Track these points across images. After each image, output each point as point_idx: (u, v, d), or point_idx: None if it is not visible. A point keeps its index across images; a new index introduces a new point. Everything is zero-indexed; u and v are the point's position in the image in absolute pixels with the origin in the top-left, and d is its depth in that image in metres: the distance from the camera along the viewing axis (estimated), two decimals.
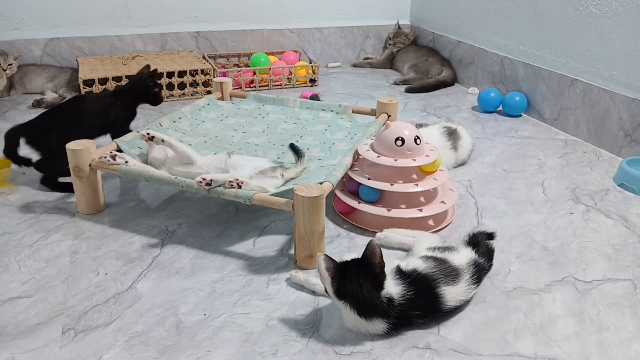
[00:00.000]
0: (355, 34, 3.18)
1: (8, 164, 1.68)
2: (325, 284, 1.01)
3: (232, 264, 1.25)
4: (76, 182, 1.42)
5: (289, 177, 1.38)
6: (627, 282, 1.21)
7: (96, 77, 2.30)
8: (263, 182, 1.30)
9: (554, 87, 2.18)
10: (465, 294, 1.08)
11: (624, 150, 1.88)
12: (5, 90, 2.46)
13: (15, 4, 2.53)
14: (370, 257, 1.00)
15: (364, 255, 1.01)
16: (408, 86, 2.72)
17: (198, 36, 2.83)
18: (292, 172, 1.40)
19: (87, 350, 0.99)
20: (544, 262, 1.28)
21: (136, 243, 1.33)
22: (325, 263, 0.99)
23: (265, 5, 2.94)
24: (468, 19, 2.73)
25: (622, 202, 1.59)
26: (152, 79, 1.70)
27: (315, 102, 1.89)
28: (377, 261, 0.99)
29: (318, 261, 0.99)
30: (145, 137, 1.39)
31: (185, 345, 1.00)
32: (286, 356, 0.98)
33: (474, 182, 1.71)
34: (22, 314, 1.08)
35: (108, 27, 2.70)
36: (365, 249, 1.00)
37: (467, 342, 1.02)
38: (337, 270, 1.00)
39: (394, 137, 1.37)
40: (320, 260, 0.99)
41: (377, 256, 0.99)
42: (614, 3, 1.87)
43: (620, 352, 1.01)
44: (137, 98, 1.70)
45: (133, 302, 1.12)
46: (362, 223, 1.42)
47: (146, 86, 1.69)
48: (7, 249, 1.30)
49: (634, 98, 1.82)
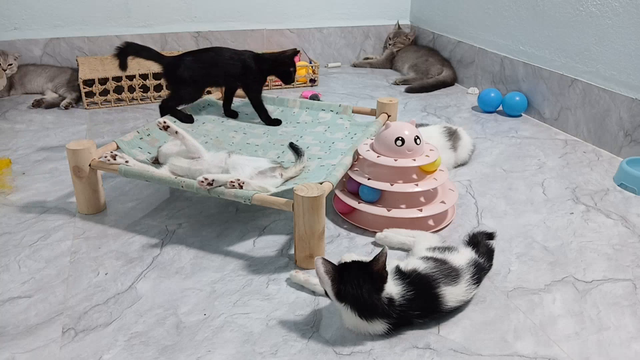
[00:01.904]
0: (355, 34, 3.18)
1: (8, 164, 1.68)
2: (325, 287, 1.01)
3: (232, 264, 1.25)
4: (76, 182, 1.42)
5: (288, 176, 1.39)
6: (627, 282, 1.21)
7: (96, 77, 2.30)
8: (263, 182, 1.30)
9: (554, 87, 2.18)
10: (465, 295, 1.08)
11: (624, 150, 1.88)
12: (5, 90, 2.46)
13: (15, 4, 2.53)
14: (373, 265, 1.00)
15: (369, 262, 1.01)
16: (408, 86, 2.72)
17: (198, 36, 2.83)
18: (291, 171, 1.40)
19: (87, 350, 0.99)
20: (544, 262, 1.28)
21: (136, 243, 1.33)
22: (324, 266, 0.99)
23: (265, 5, 2.94)
24: (468, 19, 2.73)
25: (622, 202, 1.59)
26: (292, 60, 1.80)
27: (315, 102, 1.89)
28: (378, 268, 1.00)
29: (316, 265, 0.99)
30: (160, 126, 1.41)
31: (185, 345, 1.00)
32: (286, 356, 0.98)
33: (474, 182, 1.71)
34: (22, 314, 1.08)
35: (108, 27, 2.70)
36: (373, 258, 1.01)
37: (467, 342, 1.02)
38: (336, 272, 1.00)
39: (394, 137, 1.37)
40: (318, 264, 0.99)
41: (378, 264, 0.99)
42: (614, 3, 1.87)
43: (620, 352, 1.01)
44: (272, 68, 1.80)
45: (133, 302, 1.12)
46: (362, 223, 1.42)
47: (285, 63, 1.79)
48: (7, 249, 1.30)
49: (634, 98, 1.82)
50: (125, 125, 2.15)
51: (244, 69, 1.75)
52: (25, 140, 1.98)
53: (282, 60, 1.78)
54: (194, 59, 1.72)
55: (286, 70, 1.78)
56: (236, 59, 1.75)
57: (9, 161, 1.70)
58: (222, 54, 1.75)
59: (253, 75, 1.77)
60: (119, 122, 2.18)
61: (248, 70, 1.75)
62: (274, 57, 1.80)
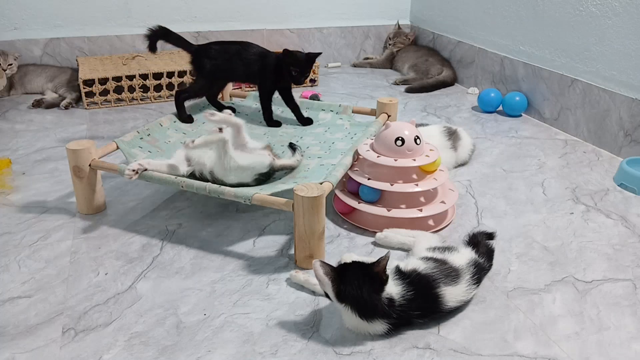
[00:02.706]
0: (355, 34, 3.18)
1: (8, 164, 1.68)
2: (325, 289, 1.01)
3: (232, 264, 1.25)
4: (76, 182, 1.42)
5: (280, 164, 1.40)
6: (627, 282, 1.21)
7: (96, 77, 2.30)
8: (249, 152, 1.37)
9: (554, 87, 2.18)
10: (465, 295, 1.08)
11: (624, 150, 1.88)
12: (5, 90, 2.46)
13: (15, 4, 2.53)
14: (374, 266, 1.00)
15: (371, 264, 1.01)
16: (408, 86, 2.72)
17: (198, 36, 2.83)
18: (283, 161, 1.42)
19: (87, 350, 0.99)
20: (544, 262, 1.28)
21: (136, 243, 1.33)
22: (322, 268, 0.99)
23: (265, 5, 2.94)
24: (468, 19, 2.73)
25: (622, 202, 1.59)
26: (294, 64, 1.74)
27: (315, 102, 1.89)
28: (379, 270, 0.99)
29: (314, 267, 0.99)
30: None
31: (185, 345, 1.00)
32: (286, 356, 0.98)
33: (474, 182, 1.71)
34: (22, 314, 1.08)
35: (108, 27, 2.70)
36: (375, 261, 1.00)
37: (467, 342, 1.02)
38: (336, 273, 1.00)
39: (394, 137, 1.37)
40: (316, 266, 0.99)
41: (379, 266, 0.99)
42: (614, 3, 1.88)
43: (620, 352, 1.01)
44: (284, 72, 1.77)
45: (133, 302, 1.12)
46: (362, 223, 1.42)
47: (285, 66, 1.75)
48: (7, 249, 1.30)
49: (634, 98, 1.82)
50: (125, 125, 2.15)
51: (262, 67, 1.75)
52: (25, 140, 1.98)
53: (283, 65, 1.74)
54: (220, 48, 1.74)
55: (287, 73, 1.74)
56: (258, 56, 1.76)
57: (9, 161, 1.70)
58: (248, 49, 1.77)
59: (269, 74, 1.76)
60: (119, 122, 2.18)
61: (266, 68, 1.75)
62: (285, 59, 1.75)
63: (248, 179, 1.35)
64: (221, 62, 1.73)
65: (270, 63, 1.75)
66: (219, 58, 1.73)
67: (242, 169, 1.33)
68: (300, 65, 1.72)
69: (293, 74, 1.72)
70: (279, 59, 1.75)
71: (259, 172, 1.36)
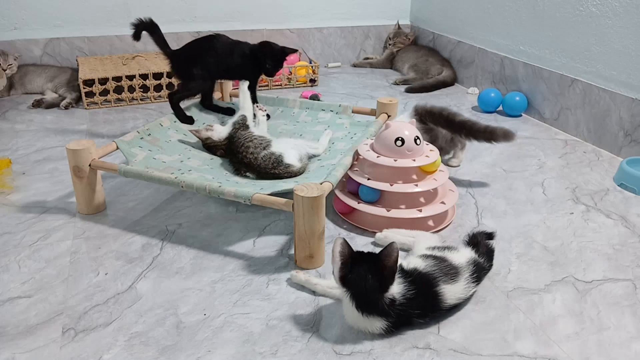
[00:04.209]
0: (355, 34, 3.18)
1: (8, 164, 1.68)
2: (334, 266, 1.00)
3: (232, 264, 1.25)
4: (76, 182, 1.42)
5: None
6: (627, 282, 1.21)
7: (96, 77, 2.30)
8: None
9: (554, 87, 2.18)
10: (464, 292, 1.08)
11: (624, 150, 1.88)
12: (5, 90, 2.46)
13: (15, 4, 2.53)
14: (384, 257, 0.99)
15: (380, 253, 1.00)
16: (408, 86, 2.72)
17: (198, 36, 2.83)
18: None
19: (87, 350, 0.99)
20: (544, 262, 1.28)
21: (136, 243, 1.33)
22: (340, 247, 0.99)
23: (265, 5, 2.94)
24: (468, 19, 2.73)
25: (622, 202, 1.59)
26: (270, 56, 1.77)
27: (315, 102, 1.89)
28: (389, 264, 0.99)
29: (335, 242, 0.99)
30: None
31: (185, 345, 1.00)
32: (286, 356, 0.98)
33: (474, 182, 1.71)
34: (22, 314, 1.08)
35: (108, 27, 2.70)
36: (384, 248, 0.99)
37: (467, 342, 1.02)
38: (349, 257, 1.00)
39: (394, 137, 1.37)
40: (337, 242, 0.99)
41: (390, 260, 0.99)
42: (614, 3, 1.87)
43: (620, 352, 1.01)
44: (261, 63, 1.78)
45: (133, 302, 1.12)
46: (361, 223, 1.42)
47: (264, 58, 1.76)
48: (7, 249, 1.30)
49: (634, 98, 1.82)
50: (125, 125, 2.15)
51: (242, 60, 1.75)
52: (25, 140, 1.98)
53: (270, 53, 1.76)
54: (194, 47, 1.73)
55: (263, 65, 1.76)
56: (236, 49, 1.75)
57: (9, 161, 1.70)
58: (222, 43, 1.75)
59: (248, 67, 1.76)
60: (119, 122, 2.18)
61: (245, 61, 1.75)
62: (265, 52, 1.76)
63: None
64: (199, 61, 1.71)
65: (245, 53, 1.75)
66: (196, 59, 1.71)
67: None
68: (275, 60, 1.75)
69: (267, 67, 1.74)
70: (253, 50, 1.75)
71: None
